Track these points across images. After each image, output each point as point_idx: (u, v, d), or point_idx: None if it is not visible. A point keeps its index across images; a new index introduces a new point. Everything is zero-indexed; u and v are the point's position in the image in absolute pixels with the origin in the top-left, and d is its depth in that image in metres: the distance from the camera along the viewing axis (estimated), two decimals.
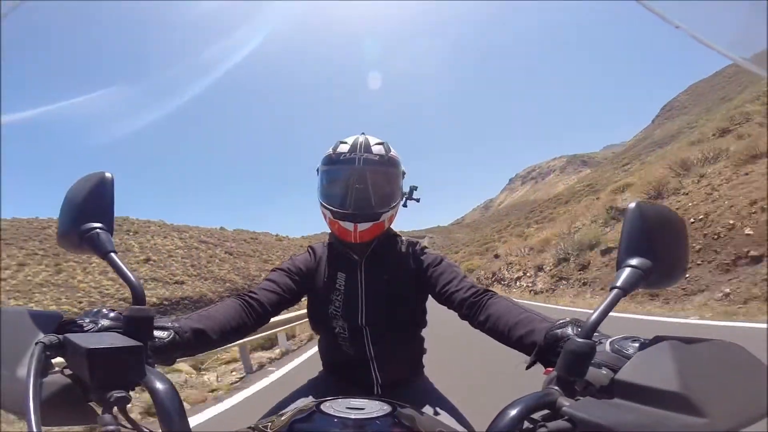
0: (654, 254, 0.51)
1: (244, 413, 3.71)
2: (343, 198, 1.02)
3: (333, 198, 1.04)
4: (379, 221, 1.02)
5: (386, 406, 0.60)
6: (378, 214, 1.01)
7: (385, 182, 1.04)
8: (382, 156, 1.02)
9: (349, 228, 1.00)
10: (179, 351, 0.71)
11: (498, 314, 0.84)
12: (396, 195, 1.06)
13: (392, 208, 1.05)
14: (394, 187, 1.06)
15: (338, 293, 1.04)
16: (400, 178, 1.08)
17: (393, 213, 1.07)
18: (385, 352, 1.04)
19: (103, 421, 0.42)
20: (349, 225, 1.00)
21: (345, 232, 1.02)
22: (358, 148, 1.02)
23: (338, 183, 1.04)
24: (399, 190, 1.08)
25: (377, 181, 1.02)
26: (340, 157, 1.02)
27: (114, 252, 0.56)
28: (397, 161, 1.06)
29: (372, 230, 1.02)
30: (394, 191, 1.06)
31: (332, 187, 1.05)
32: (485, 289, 0.93)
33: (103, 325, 0.56)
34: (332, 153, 1.04)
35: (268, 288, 0.98)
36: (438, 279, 1.00)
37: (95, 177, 0.59)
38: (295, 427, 0.56)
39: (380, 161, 1.02)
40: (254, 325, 0.92)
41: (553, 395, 0.47)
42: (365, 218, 1.00)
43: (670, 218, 0.54)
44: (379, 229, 1.04)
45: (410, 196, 1.14)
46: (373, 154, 1.01)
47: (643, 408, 0.42)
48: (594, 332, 0.50)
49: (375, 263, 1.06)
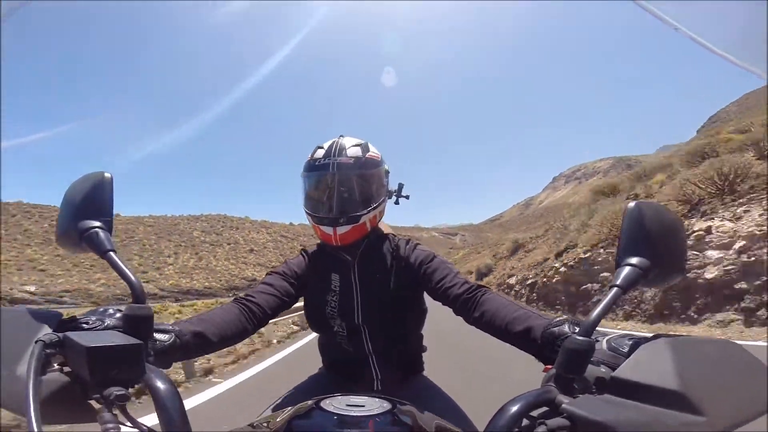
0: (652, 253, 0.52)
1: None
2: (321, 203, 1.03)
3: (312, 204, 1.05)
4: (358, 224, 1.02)
5: (386, 403, 0.60)
6: (357, 217, 1.01)
7: (362, 184, 1.03)
8: (358, 158, 1.02)
9: (329, 232, 1.01)
10: (179, 353, 0.71)
11: (493, 310, 0.84)
12: (376, 196, 1.06)
13: (373, 209, 1.05)
14: (372, 188, 1.05)
15: (333, 294, 1.04)
16: (380, 178, 1.08)
17: (375, 213, 1.06)
18: (384, 349, 1.05)
19: (103, 419, 0.42)
20: (328, 229, 1.01)
21: (326, 236, 1.03)
22: (332, 152, 1.02)
23: (316, 189, 1.05)
24: (382, 189, 1.08)
25: (354, 183, 1.02)
26: (315, 163, 1.03)
27: (113, 251, 0.56)
28: (375, 161, 1.06)
29: (352, 233, 1.02)
30: (372, 192, 1.05)
31: (311, 193, 1.06)
32: (478, 285, 0.93)
33: (102, 323, 0.56)
34: (310, 159, 1.05)
35: (265, 291, 0.99)
36: (432, 276, 1.00)
37: (94, 176, 0.59)
38: (295, 424, 0.56)
39: (355, 164, 1.01)
40: (253, 328, 0.93)
41: (552, 393, 0.47)
42: (344, 221, 1.00)
43: (668, 217, 0.55)
44: (360, 232, 1.04)
45: (399, 194, 1.15)
46: (348, 157, 1.01)
47: (641, 406, 0.42)
48: (593, 330, 0.50)
49: (367, 263, 1.06)
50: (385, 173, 1.10)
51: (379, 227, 1.12)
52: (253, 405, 1.21)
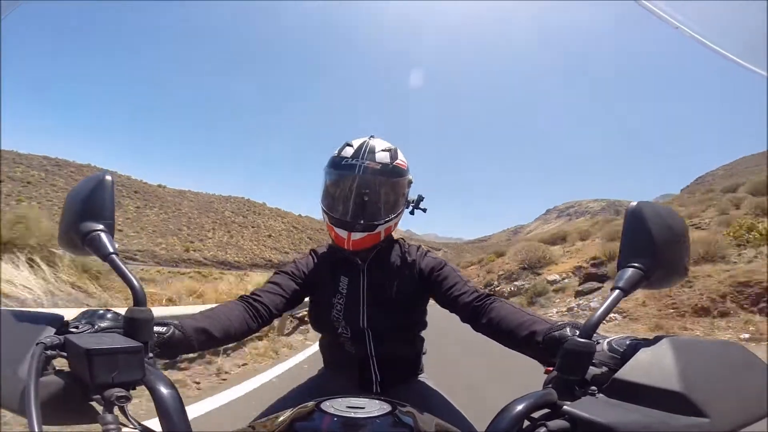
0: (655, 254, 0.51)
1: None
2: (341, 205, 1.00)
3: (330, 202, 1.03)
4: (374, 232, 1.00)
5: (386, 405, 0.60)
6: (374, 225, 0.99)
7: (385, 193, 1.01)
8: (386, 165, 0.99)
9: (343, 235, 1.00)
10: (181, 347, 0.72)
11: (500, 317, 0.83)
12: (396, 206, 1.04)
13: (391, 219, 1.03)
14: (394, 197, 1.03)
15: (340, 297, 1.03)
16: (403, 188, 1.05)
17: (391, 224, 1.05)
18: (386, 352, 1.05)
19: (103, 421, 0.42)
20: (343, 232, 1.00)
21: (340, 238, 1.01)
22: (361, 153, 0.99)
23: (337, 188, 1.02)
24: (402, 199, 1.06)
25: (377, 191, 0.99)
26: (342, 161, 1.00)
27: (115, 253, 0.56)
28: (401, 170, 1.03)
29: (365, 240, 1.01)
30: (394, 202, 1.03)
31: (332, 192, 1.04)
32: (488, 294, 0.93)
33: (103, 325, 0.56)
34: (336, 155, 1.02)
35: (271, 291, 0.98)
36: (441, 283, 1.00)
37: (96, 179, 0.59)
38: (296, 426, 0.56)
39: (382, 170, 0.99)
40: (257, 326, 0.93)
41: (553, 395, 0.47)
42: (360, 228, 0.99)
43: (671, 218, 0.54)
44: (374, 240, 1.02)
45: (417, 206, 1.11)
46: (376, 162, 0.98)
47: (643, 408, 0.42)
48: (594, 332, 0.50)
49: (377, 268, 1.06)
50: (408, 183, 1.07)
51: (391, 233, 1.11)
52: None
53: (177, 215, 73.32)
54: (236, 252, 70.50)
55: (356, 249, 1.02)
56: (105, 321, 0.57)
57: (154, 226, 63.56)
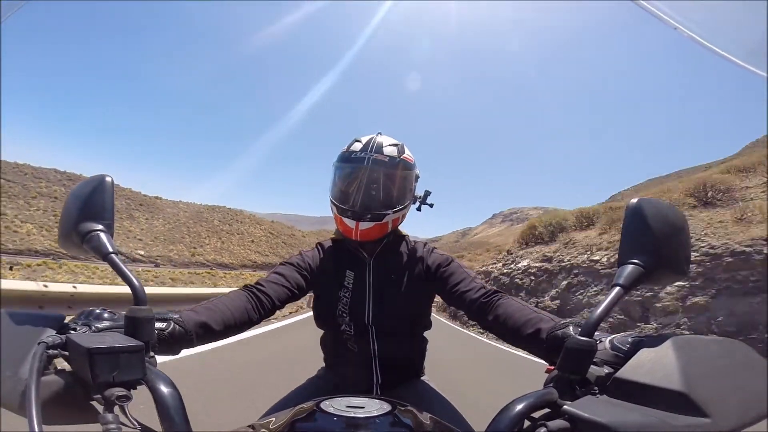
0: (656, 251, 0.50)
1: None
2: (349, 195, 1.03)
3: (340, 194, 1.05)
4: (382, 222, 1.02)
5: (386, 405, 0.60)
6: (381, 215, 1.01)
7: (393, 184, 1.04)
8: (393, 158, 1.03)
9: (351, 225, 1.01)
10: (183, 342, 0.71)
11: (506, 315, 0.83)
12: (404, 198, 1.06)
13: (398, 210, 1.05)
14: (402, 189, 1.05)
15: (346, 291, 1.04)
16: (411, 181, 1.08)
17: (399, 216, 1.06)
18: (388, 351, 1.04)
19: (104, 420, 0.42)
20: (351, 222, 1.01)
21: (347, 228, 1.03)
22: (370, 147, 1.03)
23: (347, 180, 1.05)
24: (409, 194, 1.08)
25: (385, 182, 1.03)
26: (351, 155, 1.04)
27: (114, 253, 0.56)
28: (409, 164, 1.06)
29: (373, 230, 1.02)
30: (401, 194, 1.05)
31: (341, 183, 1.06)
32: (495, 290, 0.92)
33: (103, 325, 0.56)
34: (346, 150, 1.06)
35: (275, 281, 0.99)
36: (448, 279, 1.00)
37: (96, 180, 0.60)
38: (296, 426, 0.56)
39: (390, 163, 1.02)
40: (259, 317, 0.92)
41: (554, 394, 0.47)
42: (368, 218, 1.00)
43: (672, 214, 0.53)
44: (382, 230, 1.03)
45: (424, 201, 1.14)
46: (384, 155, 1.02)
47: (644, 407, 0.41)
48: (595, 331, 0.49)
49: (384, 262, 1.06)
50: (415, 178, 1.10)
51: (398, 228, 1.12)
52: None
53: (177, 225, 79.06)
54: (230, 255, 78.36)
55: (364, 239, 1.03)
56: (105, 321, 0.57)
57: (164, 236, 69.76)
